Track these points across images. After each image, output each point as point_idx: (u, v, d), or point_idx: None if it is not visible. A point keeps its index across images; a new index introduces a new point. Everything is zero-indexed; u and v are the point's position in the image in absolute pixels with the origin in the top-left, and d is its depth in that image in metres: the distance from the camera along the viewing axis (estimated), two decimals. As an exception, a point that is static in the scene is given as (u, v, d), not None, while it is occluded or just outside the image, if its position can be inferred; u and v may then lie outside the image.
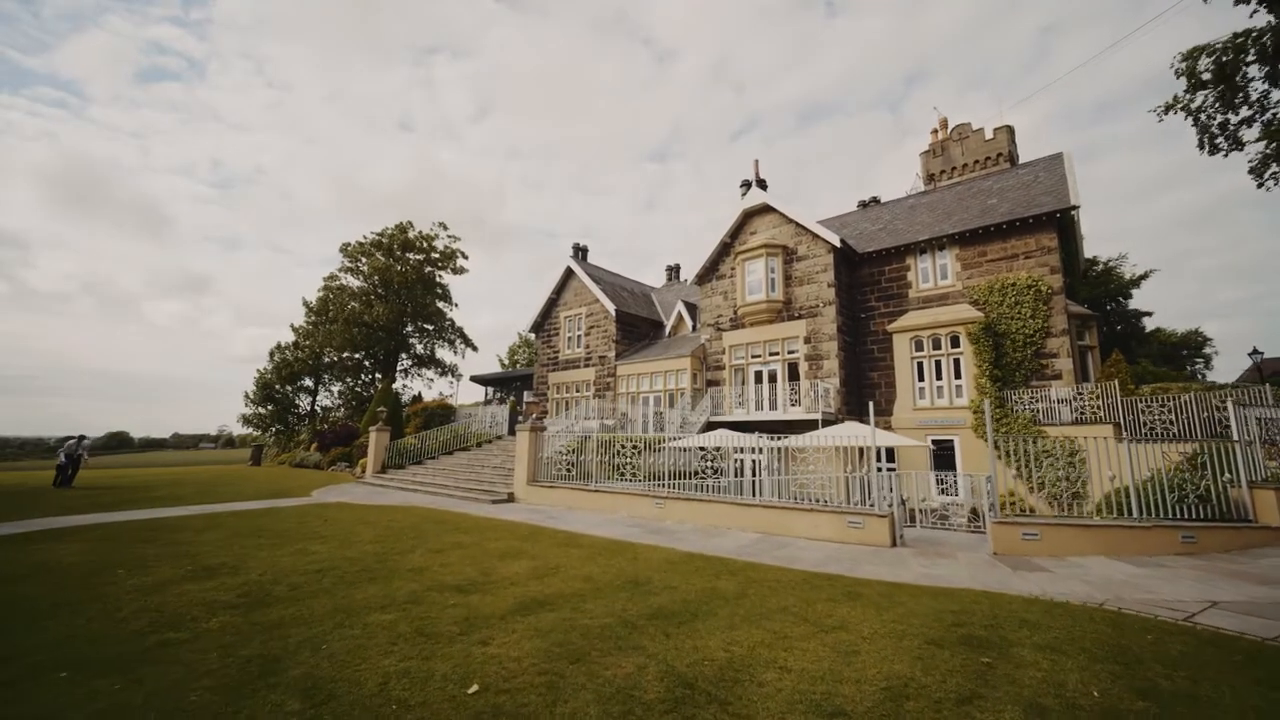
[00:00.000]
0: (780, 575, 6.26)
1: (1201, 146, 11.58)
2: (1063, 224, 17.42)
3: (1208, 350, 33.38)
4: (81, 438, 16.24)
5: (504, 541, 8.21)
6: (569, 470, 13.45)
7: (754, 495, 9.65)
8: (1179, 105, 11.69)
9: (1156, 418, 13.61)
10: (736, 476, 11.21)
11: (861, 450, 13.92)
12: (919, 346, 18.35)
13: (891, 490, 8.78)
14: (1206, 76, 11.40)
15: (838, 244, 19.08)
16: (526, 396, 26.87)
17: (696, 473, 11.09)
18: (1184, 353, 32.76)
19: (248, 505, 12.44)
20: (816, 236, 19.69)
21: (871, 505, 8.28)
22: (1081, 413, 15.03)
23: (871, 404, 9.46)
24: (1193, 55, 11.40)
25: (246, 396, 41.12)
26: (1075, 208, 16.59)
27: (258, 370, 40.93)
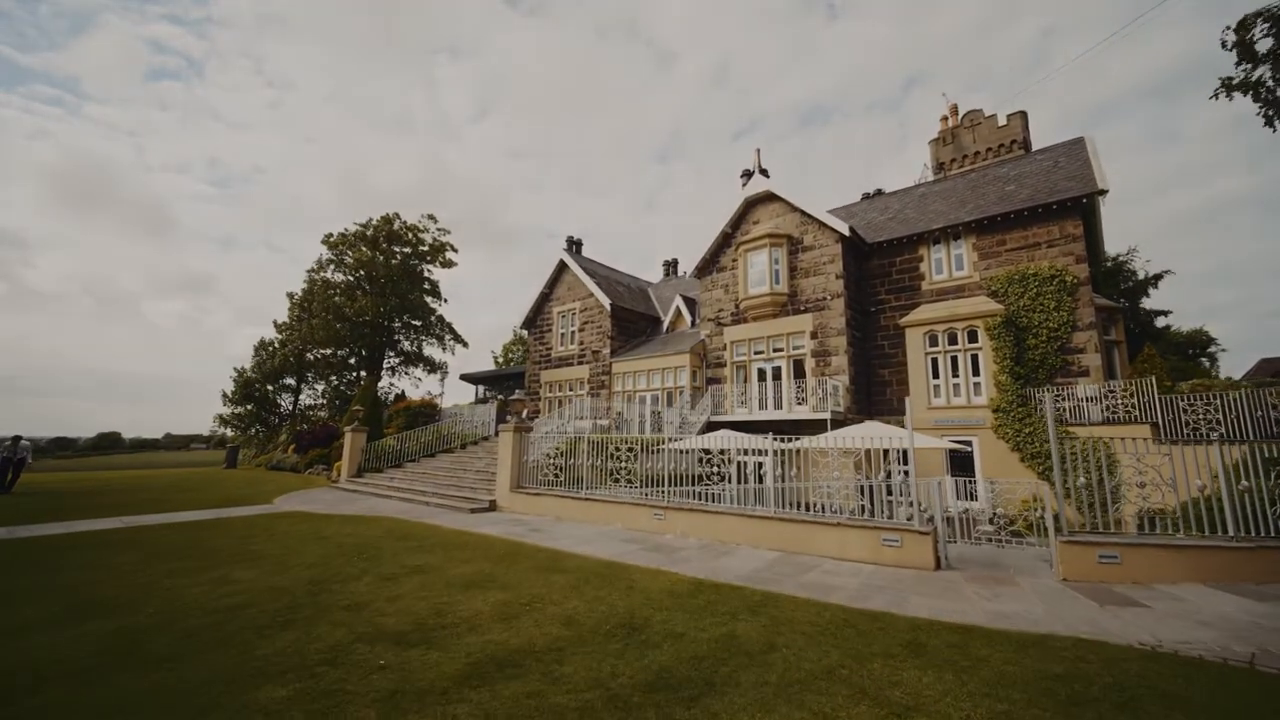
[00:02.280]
0: (813, 614, 4.97)
1: (1270, 124, 10.37)
2: (1086, 211, 16.27)
3: (1212, 349, 32.77)
4: (17, 439, 14.69)
5: (473, 564, 6.88)
6: (558, 475, 12.12)
7: (768, 505, 8.36)
8: (1237, 83, 10.52)
9: (1201, 417, 12.45)
10: (743, 483, 9.92)
11: (886, 453, 12.69)
12: (933, 341, 17.14)
13: (914, 500, 7.50)
14: (1264, 47, 10.22)
15: (846, 233, 17.85)
16: (516, 395, 25.48)
17: (700, 478, 9.78)
18: (1190, 351, 32.08)
19: (194, 515, 11.04)
20: (823, 225, 18.46)
21: (910, 519, 7.02)
22: (1113, 411, 13.89)
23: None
24: (1246, 24, 10.23)
25: (225, 395, 39.51)
26: (1104, 192, 15.43)
27: (235, 369, 39.32)
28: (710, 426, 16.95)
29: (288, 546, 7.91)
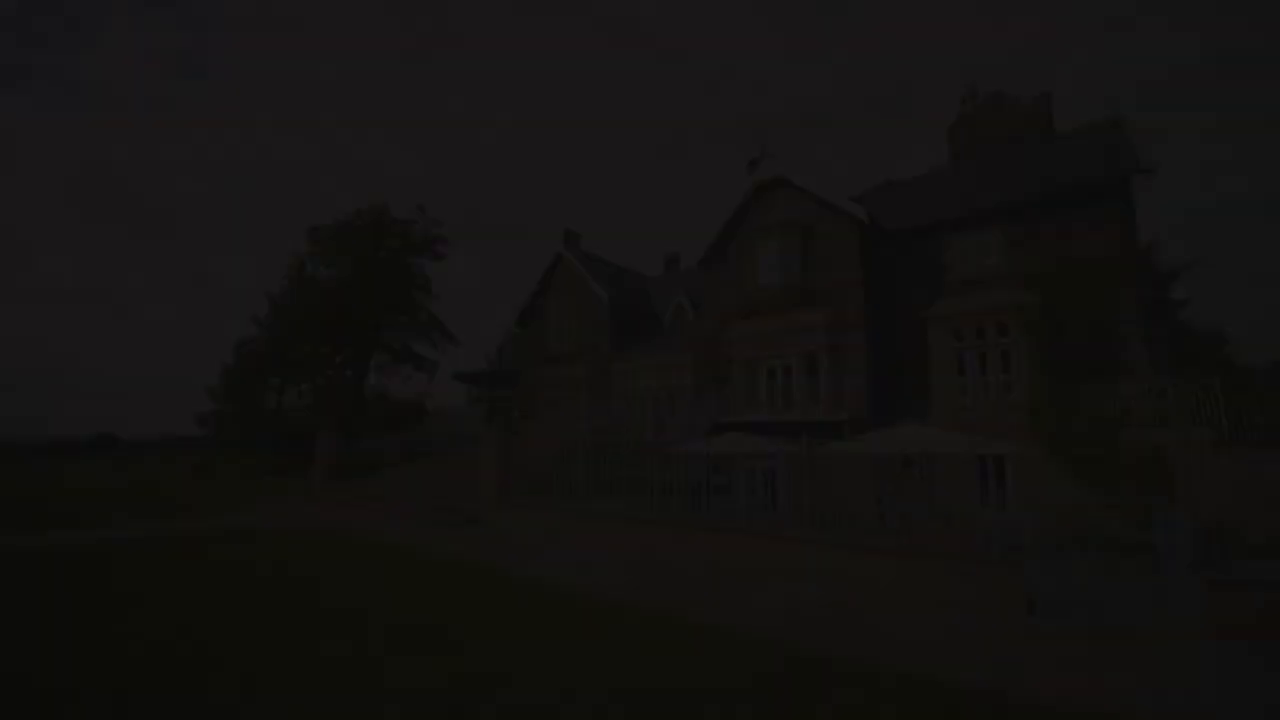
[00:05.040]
0: (899, 697, 3.48)
1: None
2: (1127, 194, 14.94)
3: (1227, 349, 31.80)
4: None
5: (427, 606, 5.36)
6: (548, 484, 10.65)
7: (798, 524, 6.88)
8: None
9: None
10: (752, 495, 8.47)
11: (908, 459, 11.25)
12: (959, 336, 15.71)
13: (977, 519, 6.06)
14: None
15: (864, 220, 16.46)
16: (500, 394, 23.96)
17: (714, 487, 8.32)
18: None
19: (127, 532, 9.49)
20: (838, 213, 17.06)
21: (988, 545, 5.57)
22: (1166, 412, 12.48)
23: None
24: None
25: (210, 392, 37.77)
26: (1150, 171, 14.08)
27: (223, 364, 37.63)
28: (717, 428, 15.53)
29: (202, 580, 6.40)
